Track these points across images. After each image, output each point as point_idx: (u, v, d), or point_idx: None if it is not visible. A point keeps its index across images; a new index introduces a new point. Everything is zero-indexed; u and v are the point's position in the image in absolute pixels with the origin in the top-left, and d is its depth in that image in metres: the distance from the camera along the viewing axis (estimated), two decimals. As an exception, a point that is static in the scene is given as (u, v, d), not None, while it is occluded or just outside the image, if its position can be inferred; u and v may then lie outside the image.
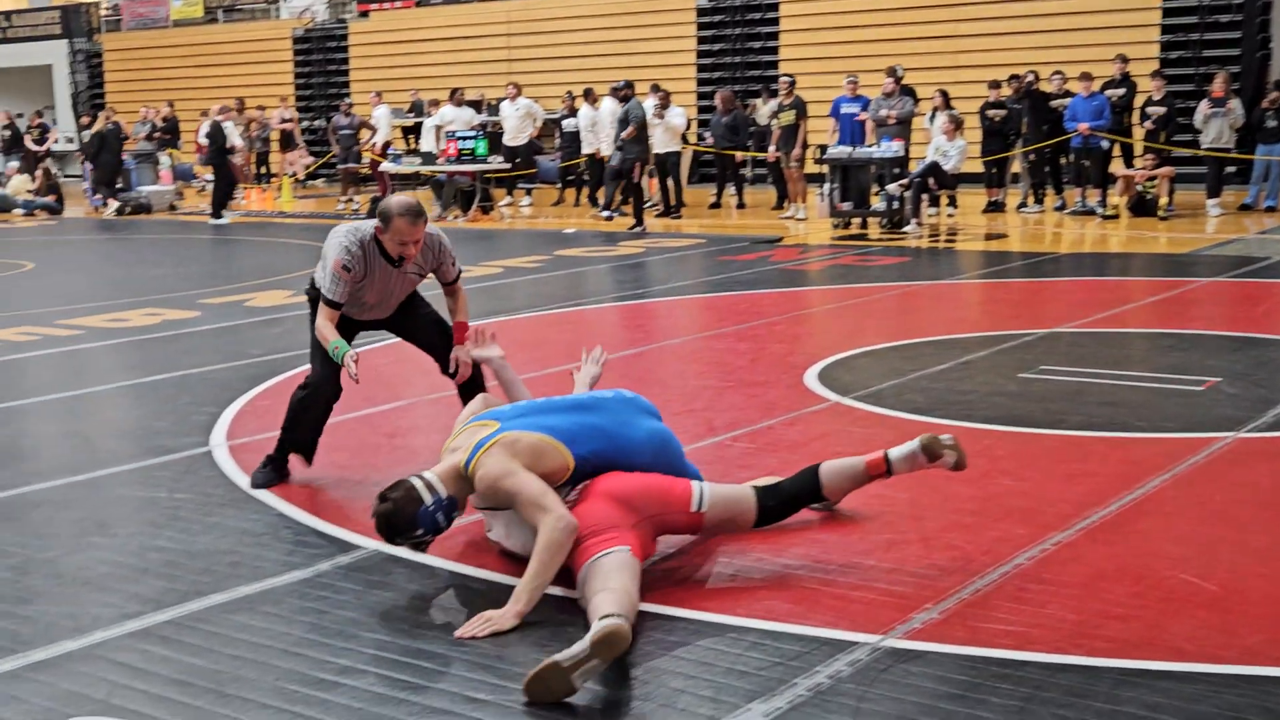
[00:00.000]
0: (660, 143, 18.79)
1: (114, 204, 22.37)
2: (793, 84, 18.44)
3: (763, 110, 21.17)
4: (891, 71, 18.07)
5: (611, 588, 3.99)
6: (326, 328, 5.54)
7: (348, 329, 5.77)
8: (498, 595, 4.27)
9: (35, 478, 5.97)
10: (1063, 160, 18.21)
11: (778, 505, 4.77)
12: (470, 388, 5.89)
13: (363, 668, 3.83)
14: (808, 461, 5.63)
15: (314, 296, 5.76)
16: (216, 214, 20.27)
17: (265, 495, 5.60)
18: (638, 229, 17.20)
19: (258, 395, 7.61)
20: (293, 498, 5.55)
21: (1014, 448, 6.11)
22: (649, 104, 18.72)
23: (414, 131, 25.78)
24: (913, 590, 4.31)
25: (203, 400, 7.53)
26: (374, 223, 5.55)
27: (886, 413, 6.79)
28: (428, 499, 4.40)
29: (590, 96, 20.26)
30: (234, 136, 21.50)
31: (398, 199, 5.51)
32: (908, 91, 18.12)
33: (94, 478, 5.97)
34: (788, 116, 18.26)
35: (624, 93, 17.80)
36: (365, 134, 21.93)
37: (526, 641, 3.99)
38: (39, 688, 3.74)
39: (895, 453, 4.87)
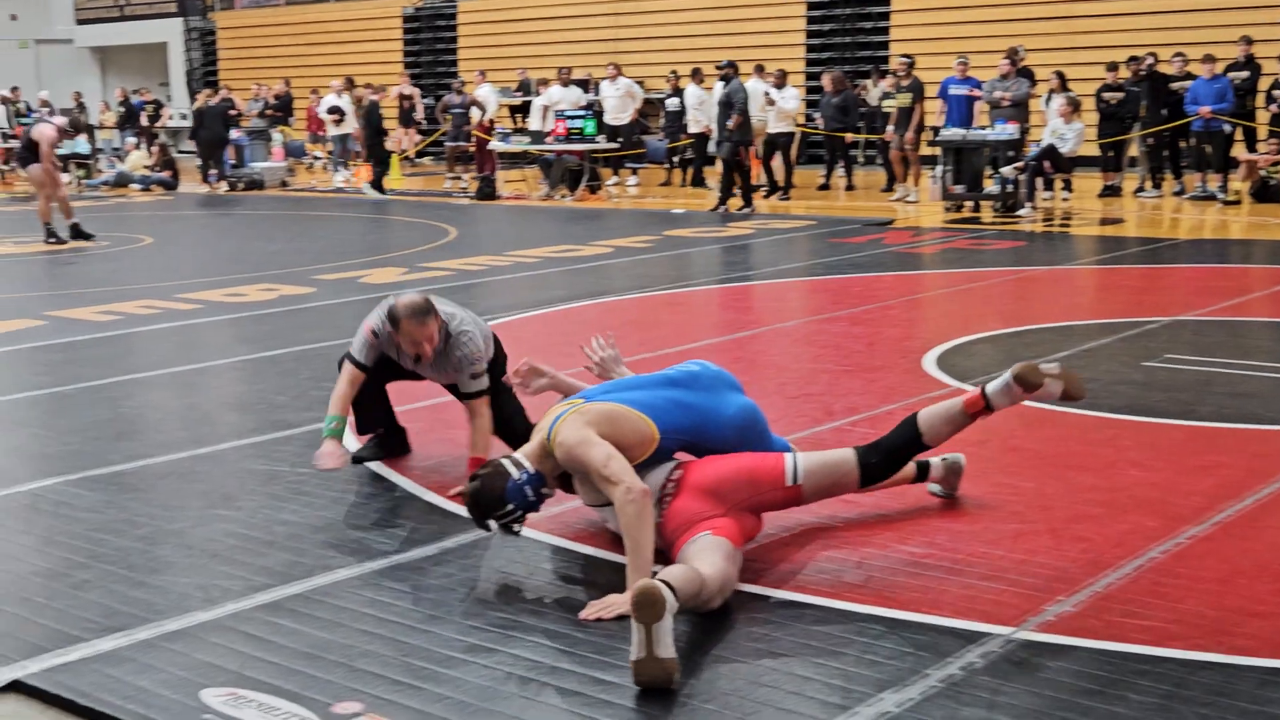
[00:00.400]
0: (771, 123, 18.64)
1: (221, 183, 22.71)
2: (911, 65, 18.19)
3: (873, 91, 20.96)
4: (1012, 53, 17.76)
5: (678, 568, 3.94)
6: (340, 393, 5.41)
7: (396, 371, 5.67)
8: (615, 574, 4.26)
9: (161, 449, 6.07)
10: (1182, 144, 17.81)
11: (880, 461, 4.59)
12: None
13: (490, 646, 3.84)
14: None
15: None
16: (377, 188, 20.48)
17: (388, 472, 5.65)
18: (746, 209, 17.10)
19: (375, 371, 7.66)
20: (415, 475, 5.59)
21: (1141, 438, 5.98)
22: (758, 85, 18.58)
23: (521, 110, 25.90)
24: (1043, 582, 4.22)
25: (321, 376, 7.59)
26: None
27: (1008, 400, 6.66)
28: (515, 474, 4.38)
29: (698, 76, 20.16)
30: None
31: (405, 300, 5.24)
32: (1026, 73, 17.81)
33: (218, 450, 6.06)
34: (904, 98, 18.03)
35: (726, 73, 17.61)
36: (475, 113, 22.06)
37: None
38: (174, 657, 3.80)
39: (992, 387, 4.67)
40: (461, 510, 5.06)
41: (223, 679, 3.65)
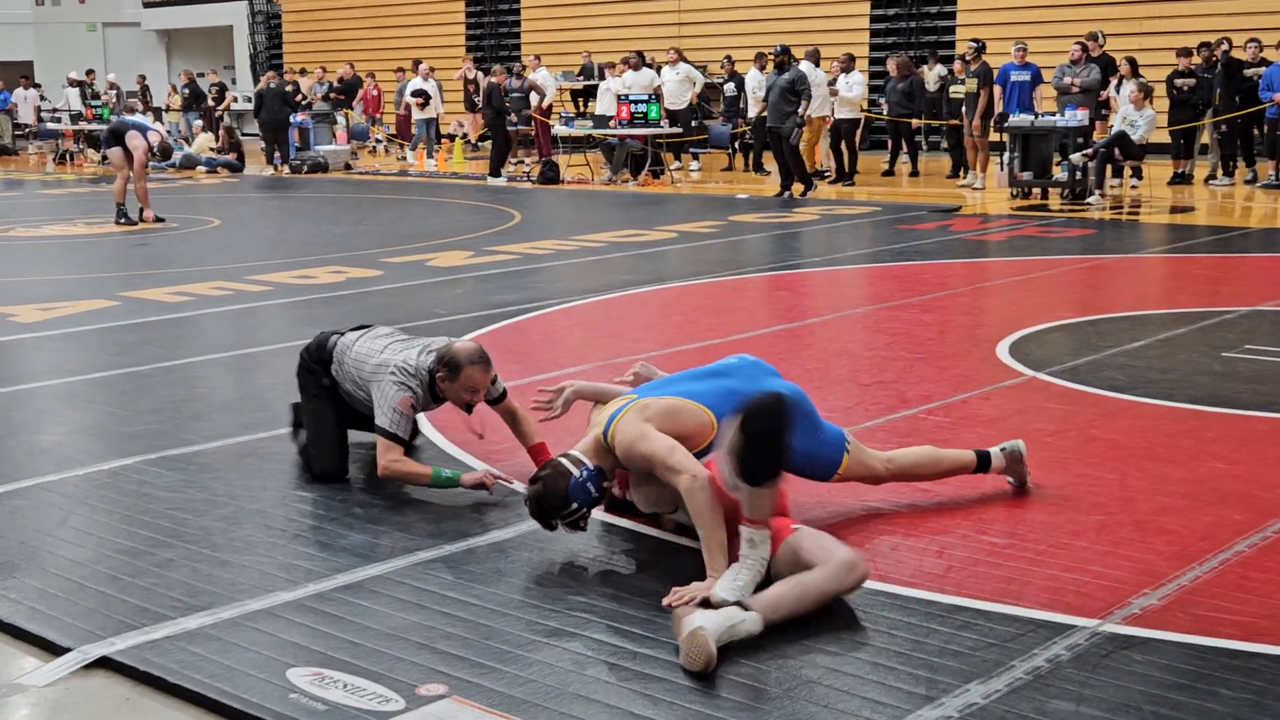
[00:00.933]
0: (836, 109, 18.54)
1: (284, 166, 22.84)
2: (980, 50, 17.99)
3: (928, 75, 20.76)
4: (1091, 38, 17.53)
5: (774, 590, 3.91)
6: (407, 465, 5.09)
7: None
8: (695, 558, 4.25)
9: (238, 430, 6.12)
10: (1255, 132, 17.53)
11: None
12: None
13: (572, 630, 3.84)
14: (1006, 437, 5.50)
15: (319, 360, 5.50)
16: (495, 173, 20.55)
17: (464, 455, 5.66)
18: (806, 193, 17.02)
19: (446, 354, 7.69)
20: (489, 458, 5.60)
21: (1223, 430, 5.89)
22: (815, 72, 18.47)
23: (584, 94, 25.89)
24: (1128, 575, 4.17)
25: (393, 358, 7.63)
26: (424, 354, 5.17)
27: (1085, 389, 6.60)
28: (576, 472, 4.36)
29: (761, 60, 20.05)
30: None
31: (464, 345, 5.10)
32: (1104, 61, 17.54)
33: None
34: (971, 84, 17.87)
35: (781, 59, 17.43)
36: (535, 98, 22.07)
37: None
38: (258, 637, 3.82)
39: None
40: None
41: (307, 659, 3.67)
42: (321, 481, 5.32)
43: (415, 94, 23.20)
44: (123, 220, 15.10)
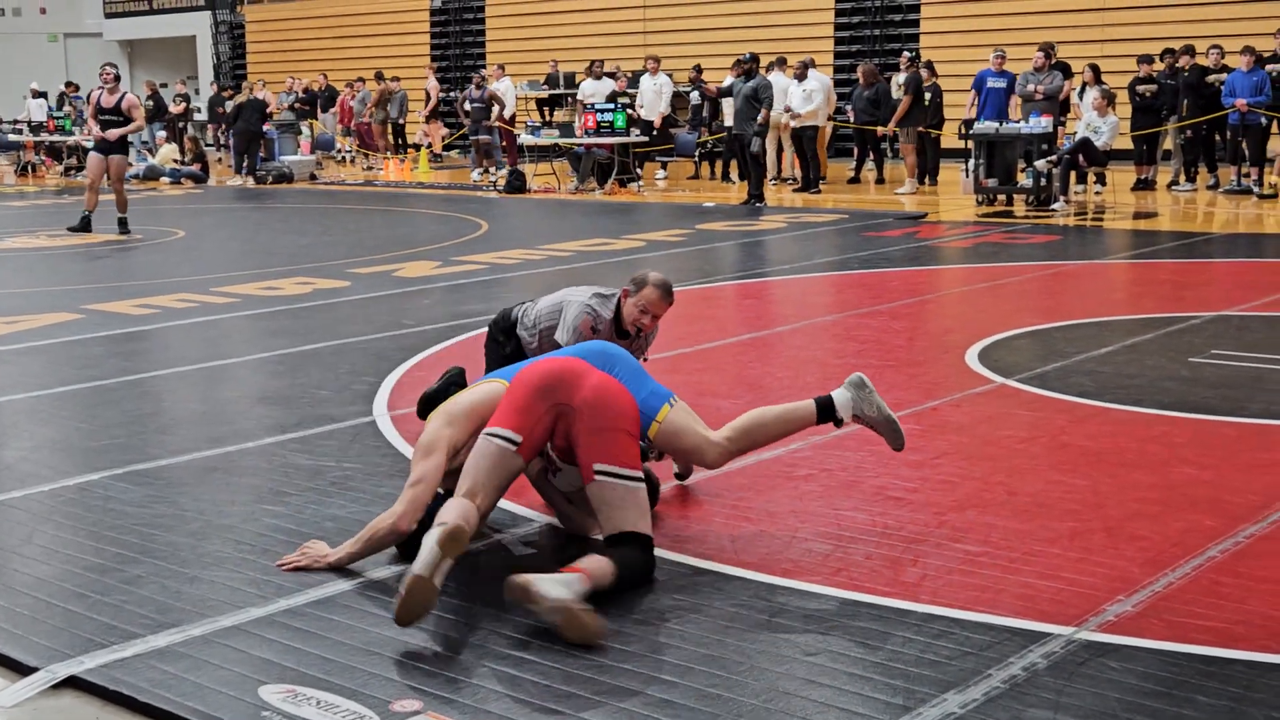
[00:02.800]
0: (799, 116, 18.58)
1: (249, 177, 22.71)
2: (914, 58, 18.33)
3: (894, 83, 20.85)
4: (1047, 47, 17.65)
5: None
6: None
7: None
8: (672, 572, 4.24)
9: (206, 444, 6.07)
10: (1217, 138, 17.67)
11: None
12: None
13: (548, 644, 3.80)
14: (979, 445, 5.54)
15: (503, 330, 5.78)
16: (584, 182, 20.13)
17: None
18: (758, 204, 17.00)
19: (414, 366, 7.67)
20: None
21: (1192, 435, 5.92)
22: (781, 79, 18.55)
23: (549, 104, 25.88)
24: (1102, 581, 4.18)
25: (361, 370, 7.60)
26: (615, 294, 5.52)
27: (1055, 395, 6.63)
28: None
29: (738, 69, 20.02)
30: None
31: (656, 273, 5.47)
32: (1061, 68, 17.67)
33: (262, 445, 6.05)
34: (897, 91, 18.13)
35: (748, 67, 17.44)
36: (496, 108, 22.00)
37: (703, 624, 3.94)
38: (230, 654, 3.78)
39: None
40: (510, 506, 5.05)
41: (280, 676, 3.63)
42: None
43: (474, 102, 22.64)
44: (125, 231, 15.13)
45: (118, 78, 15.52)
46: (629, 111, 19.74)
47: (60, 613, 4.11)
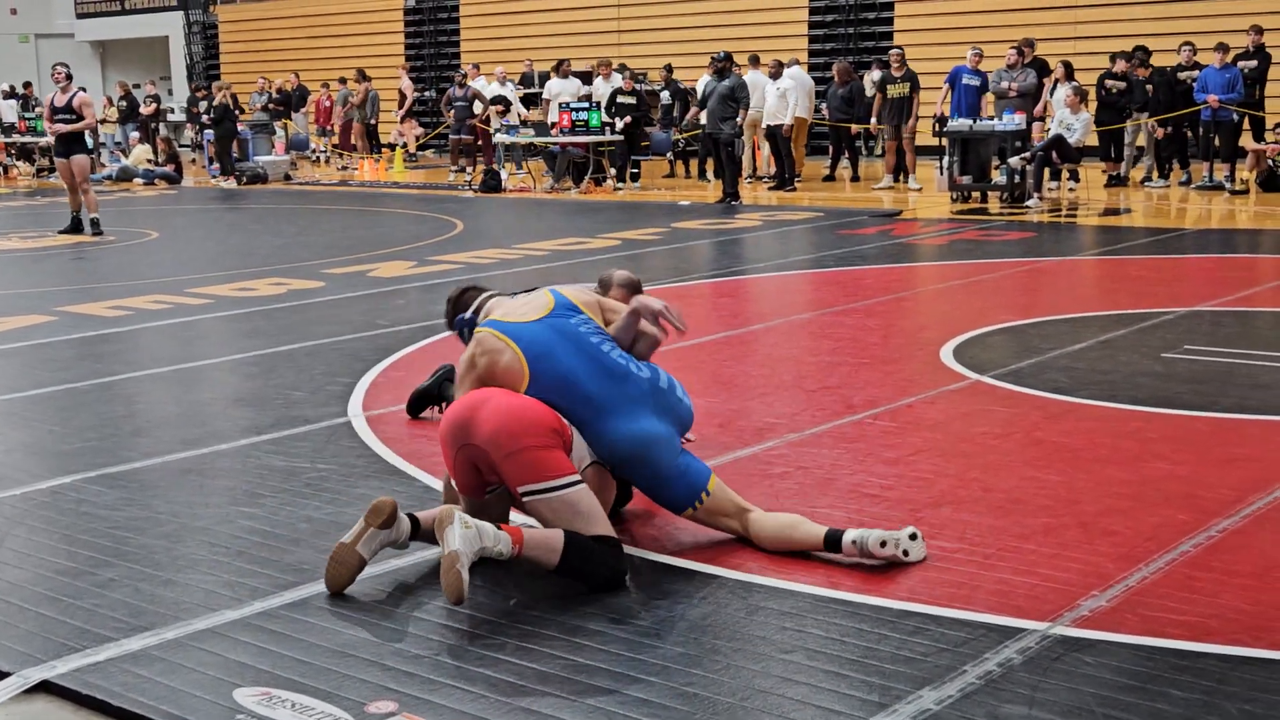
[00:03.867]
0: (772, 114, 18.58)
1: (222, 177, 22.64)
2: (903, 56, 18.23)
3: (867, 81, 20.87)
4: (1025, 44, 17.69)
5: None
6: None
7: None
8: (655, 573, 4.24)
9: (179, 446, 6.04)
10: (1189, 134, 17.76)
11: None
12: None
13: (524, 644, 3.80)
14: (954, 442, 5.54)
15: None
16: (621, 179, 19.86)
17: (410, 468, 5.61)
18: (734, 202, 17.00)
19: (389, 366, 7.64)
20: (438, 471, 5.55)
21: (1166, 430, 5.94)
22: (758, 77, 18.56)
23: (527, 102, 25.83)
24: (1076, 577, 4.19)
25: (336, 370, 7.58)
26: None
27: (1029, 391, 6.65)
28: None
29: (714, 67, 20.02)
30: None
31: (621, 271, 5.50)
32: (1038, 65, 17.71)
33: (236, 446, 6.02)
34: (899, 89, 18.02)
35: (721, 65, 17.41)
36: (479, 106, 21.96)
37: (680, 623, 3.94)
38: (204, 657, 3.76)
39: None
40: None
41: (255, 679, 3.62)
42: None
43: (495, 100, 22.41)
44: (98, 232, 15.05)
45: (69, 76, 15.48)
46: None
47: (32, 617, 4.08)
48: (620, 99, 19.83)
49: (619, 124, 19.54)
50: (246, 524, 4.93)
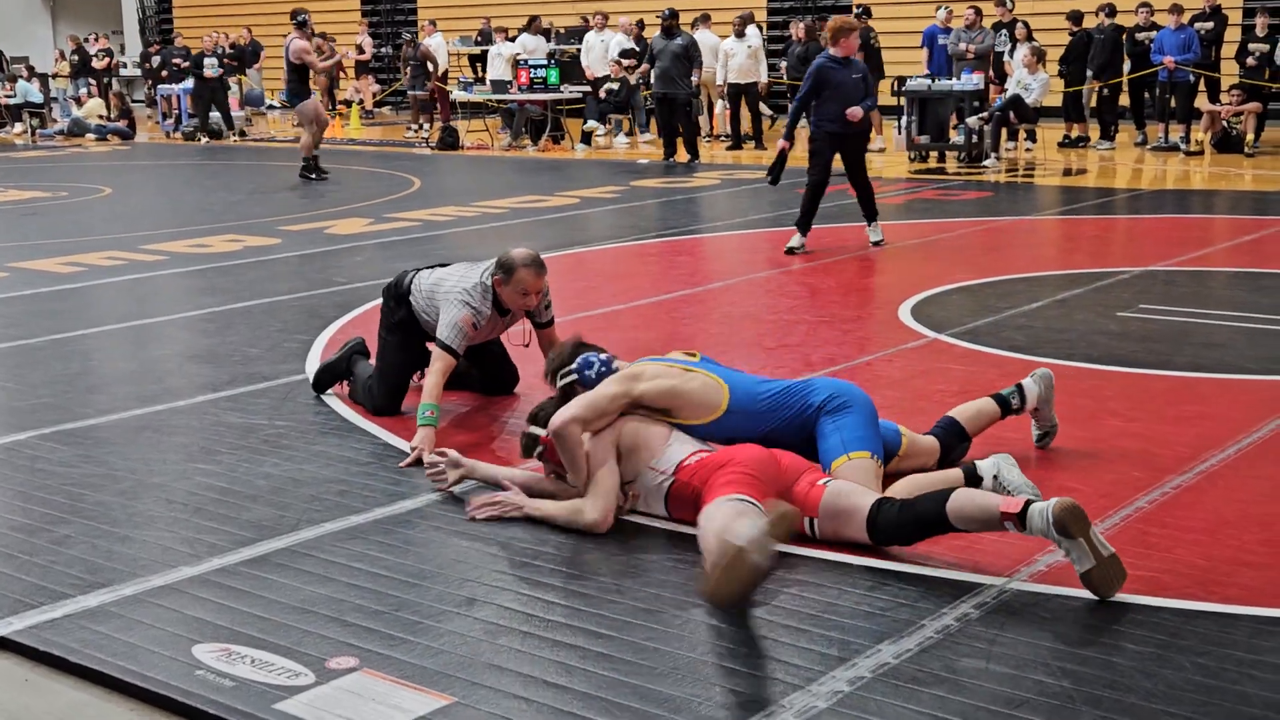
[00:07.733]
0: (743, 71, 18.46)
1: (176, 133, 22.35)
2: (863, 13, 18.14)
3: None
4: (1000, 2, 17.67)
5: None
6: (435, 384, 5.31)
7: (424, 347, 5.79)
8: (612, 537, 4.25)
9: (135, 403, 5.99)
10: (1145, 95, 17.83)
11: (890, 533, 4.09)
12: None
13: (483, 599, 3.81)
14: (912, 399, 5.57)
15: (395, 296, 5.78)
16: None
17: (368, 424, 5.59)
18: (693, 161, 16.95)
19: (348, 323, 7.60)
20: (396, 428, 5.53)
21: (1120, 388, 6.00)
22: (707, 36, 18.45)
23: (482, 60, 25.63)
24: (1033, 532, 4.22)
25: (293, 328, 7.53)
26: (486, 272, 5.49)
27: (986, 350, 6.69)
28: (595, 357, 4.69)
29: (663, 25, 19.89)
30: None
31: (520, 250, 5.46)
32: (1006, 25, 17.68)
33: (193, 403, 5.98)
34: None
35: (669, 24, 17.19)
36: (431, 64, 21.77)
37: (641, 579, 3.96)
38: (162, 613, 3.75)
39: (1035, 510, 3.86)
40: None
41: (214, 635, 3.61)
42: (378, 410, 5.70)
43: (625, 54, 21.25)
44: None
45: None
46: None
47: (-12, 574, 4.05)
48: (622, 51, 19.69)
49: (633, 77, 19.38)
50: (204, 480, 4.90)
